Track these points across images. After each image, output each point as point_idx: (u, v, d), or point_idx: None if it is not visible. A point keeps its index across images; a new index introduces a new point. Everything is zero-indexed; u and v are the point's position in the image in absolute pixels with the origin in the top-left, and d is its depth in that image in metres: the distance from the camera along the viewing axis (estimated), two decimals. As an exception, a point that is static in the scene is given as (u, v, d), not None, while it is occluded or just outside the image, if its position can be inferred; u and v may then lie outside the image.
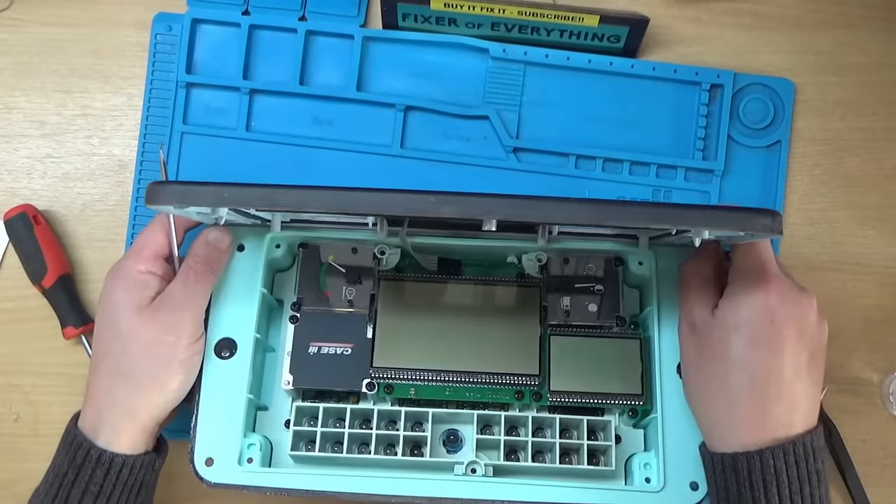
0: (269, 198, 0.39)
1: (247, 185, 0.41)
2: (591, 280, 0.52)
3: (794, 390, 0.44)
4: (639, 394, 0.50)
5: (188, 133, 0.59)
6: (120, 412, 0.47)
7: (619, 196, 0.58)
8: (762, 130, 0.59)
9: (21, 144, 0.60)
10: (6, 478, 0.58)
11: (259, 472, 0.49)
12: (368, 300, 0.52)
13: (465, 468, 0.49)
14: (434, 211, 0.39)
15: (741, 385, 0.45)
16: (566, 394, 0.51)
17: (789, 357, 0.44)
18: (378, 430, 0.50)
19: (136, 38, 0.60)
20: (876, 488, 0.57)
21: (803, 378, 0.45)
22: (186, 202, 0.41)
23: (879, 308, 0.59)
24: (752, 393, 0.44)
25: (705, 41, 0.61)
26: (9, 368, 0.58)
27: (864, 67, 0.60)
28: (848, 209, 0.60)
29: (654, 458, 0.50)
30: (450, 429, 0.52)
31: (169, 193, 0.41)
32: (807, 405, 0.45)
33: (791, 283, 0.46)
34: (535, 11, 0.56)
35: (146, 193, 0.41)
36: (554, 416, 0.50)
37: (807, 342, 0.45)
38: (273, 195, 0.39)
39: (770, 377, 0.44)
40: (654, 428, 0.50)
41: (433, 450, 0.50)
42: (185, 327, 0.48)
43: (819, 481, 0.44)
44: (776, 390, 0.44)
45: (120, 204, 0.59)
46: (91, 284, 0.59)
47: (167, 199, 0.41)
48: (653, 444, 0.50)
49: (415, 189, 0.39)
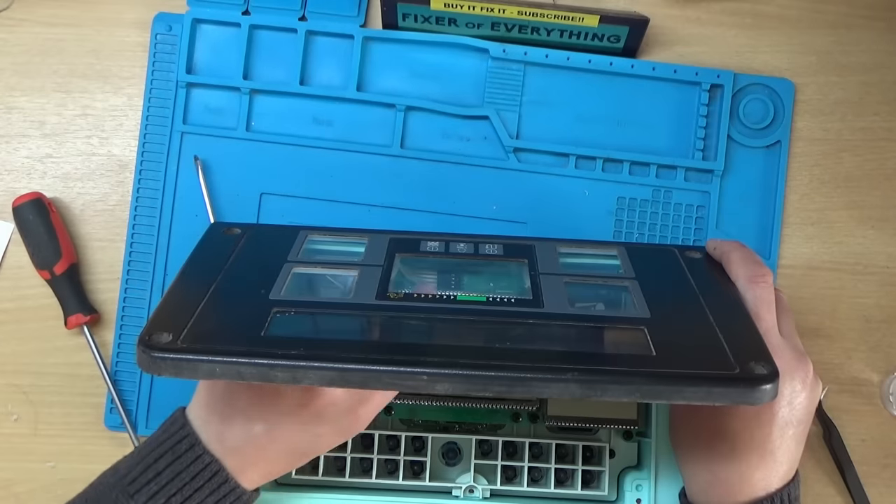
0: (264, 374, 0.37)
1: (243, 357, 0.38)
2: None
3: (777, 458, 0.44)
4: (634, 419, 0.51)
5: (188, 133, 0.59)
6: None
7: (619, 196, 0.59)
8: (762, 130, 0.59)
9: (21, 144, 0.60)
10: (6, 478, 0.58)
11: (265, 492, 0.50)
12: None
13: (463, 491, 0.51)
14: (427, 388, 0.37)
15: (724, 453, 0.44)
16: (563, 418, 0.51)
17: (777, 430, 0.43)
18: (379, 454, 0.51)
19: (136, 38, 0.60)
20: (876, 488, 0.57)
21: (788, 445, 0.44)
22: (180, 374, 0.38)
23: (879, 308, 0.59)
24: (736, 461, 0.44)
25: (705, 41, 0.61)
26: (9, 368, 0.58)
27: (864, 67, 0.60)
28: (848, 209, 0.60)
29: (646, 478, 0.51)
30: (449, 442, 0.53)
31: (163, 367, 0.38)
32: (787, 466, 0.44)
33: (790, 353, 0.44)
34: (535, 11, 0.56)
35: (139, 358, 0.38)
36: (550, 442, 0.52)
37: (796, 412, 0.44)
38: (268, 372, 0.37)
39: (754, 449, 0.43)
40: (647, 448, 0.51)
41: (433, 467, 0.52)
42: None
43: None
44: (758, 459, 0.43)
45: (120, 204, 0.59)
46: (91, 284, 0.59)
47: (162, 370, 0.38)
48: (646, 462, 0.52)
49: (407, 363, 0.37)
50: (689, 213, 0.59)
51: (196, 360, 0.38)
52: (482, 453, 0.52)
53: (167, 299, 0.42)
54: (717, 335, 0.41)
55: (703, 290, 0.45)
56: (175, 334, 0.39)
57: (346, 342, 0.40)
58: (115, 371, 0.58)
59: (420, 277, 0.47)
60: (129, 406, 0.57)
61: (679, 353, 0.39)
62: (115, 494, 0.42)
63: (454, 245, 0.50)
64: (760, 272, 0.45)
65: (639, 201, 0.59)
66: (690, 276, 0.47)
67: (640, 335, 0.41)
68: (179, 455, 0.42)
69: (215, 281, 0.44)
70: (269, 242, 0.49)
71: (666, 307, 0.43)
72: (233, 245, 0.49)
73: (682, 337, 0.41)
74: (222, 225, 0.51)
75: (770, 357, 0.39)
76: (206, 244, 0.49)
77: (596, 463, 0.52)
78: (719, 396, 0.37)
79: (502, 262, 0.49)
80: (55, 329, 0.58)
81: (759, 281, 0.45)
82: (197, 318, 0.40)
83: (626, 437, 0.53)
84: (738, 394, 0.37)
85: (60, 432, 0.58)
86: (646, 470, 0.51)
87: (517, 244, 0.50)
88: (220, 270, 0.45)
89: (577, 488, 0.51)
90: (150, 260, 0.58)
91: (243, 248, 0.48)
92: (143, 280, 0.58)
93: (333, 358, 0.37)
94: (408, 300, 0.43)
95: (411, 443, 0.52)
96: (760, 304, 0.44)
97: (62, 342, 0.58)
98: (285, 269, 0.46)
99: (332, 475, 0.51)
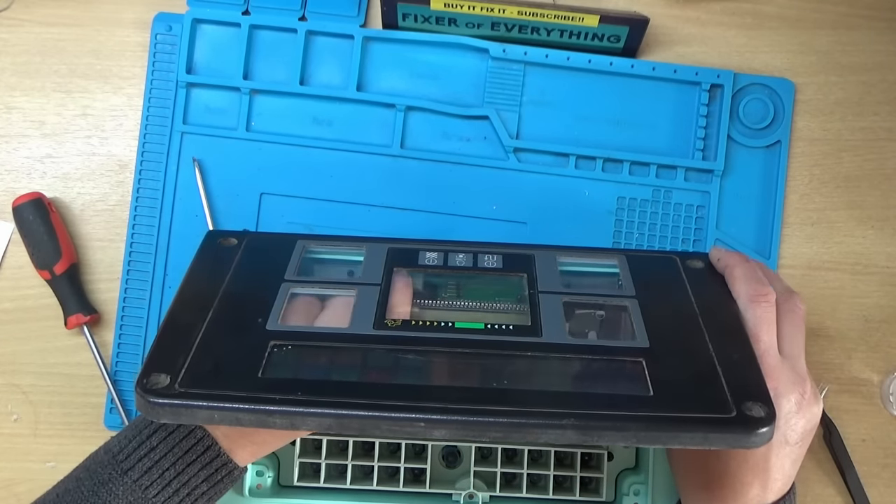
0: (262, 421, 0.37)
1: (241, 402, 0.38)
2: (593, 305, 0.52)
3: (773, 476, 0.44)
4: None
5: (188, 133, 0.59)
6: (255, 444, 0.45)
7: (619, 196, 0.59)
8: (762, 130, 0.59)
9: (21, 144, 0.60)
10: (6, 478, 0.58)
11: (268, 499, 0.51)
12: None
13: (463, 497, 0.51)
14: (424, 434, 0.37)
15: (720, 471, 0.44)
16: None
17: (774, 451, 0.43)
18: (380, 461, 0.51)
19: (136, 38, 0.60)
20: (876, 488, 0.58)
21: (782, 464, 0.44)
22: (179, 420, 0.38)
23: (879, 308, 0.59)
24: (731, 480, 0.44)
25: (705, 41, 0.61)
26: (9, 368, 0.58)
27: (864, 67, 0.60)
28: (848, 209, 0.60)
29: (644, 482, 0.51)
30: (449, 446, 0.53)
31: (161, 413, 0.38)
32: (782, 483, 0.44)
33: (787, 374, 0.43)
34: (535, 11, 0.56)
35: (137, 402, 0.38)
36: (549, 449, 0.52)
37: (791, 433, 0.43)
38: (266, 419, 0.37)
39: (748, 468, 0.44)
40: (645, 452, 0.52)
41: (433, 472, 0.52)
42: None
43: None
44: (752, 477, 0.44)
45: (120, 204, 0.59)
46: (91, 284, 0.59)
47: (160, 416, 0.38)
48: (643, 466, 0.52)
49: (405, 409, 0.37)
50: (690, 213, 0.59)
51: (194, 407, 0.38)
52: (482, 457, 0.52)
53: (164, 333, 0.42)
54: (715, 368, 0.41)
55: (704, 310, 0.45)
56: (172, 376, 0.39)
57: (343, 384, 0.39)
58: (115, 371, 0.58)
59: (418, 297, 0.47)
60: (129, 406, 0.57)
61: (676, 391, 0.39)
62: (107, 472, 0.42)
63: (453, 256, 0.50)
64: (762, 291, 0.45)
65: (639, 201, 0.59)
66: (691, 292, 0.47)
67: (638, 368, 0.41)
68: (172, 430, 0.43)
69: (211, 308, 0.44)
70: (266, 256, 0.49)
71: (665, 332, 0.43)
72: (229, 260, 0.48)
73: (680, 370, 0.41)
74: (218, 234, 0.51)
75: (768, 397, 0.39)
76: (202, 258, 0.49)
77: (595, 468, 0.52)
78: (716, 441, 0.37)
79: (501, 277, 0.49)
80: (55, 329, 0.58)
81: (759, 301, 0.44)
82: (194, 355, 0.40)
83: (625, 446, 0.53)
84: (735, 439, 0.37)
85: (60, 432, 0.58)
86: (643, 474, 0.51)
87: (516, 254, 0.50)
88: (217, 294, 0.45)
89: (575, 494, 0.52)
90: (150, 260, 0.58)
91: (239, 264, 0.48)
92: (143, 280, 0.58)
93: (331, 405, 0.37)
94: (405, 329, 0.43)
95: (412, 448, 0.52)
96: (760, 324, 0.44)
97: (62, 342, 0.58)
98: (283, 289, 0.46)
99: (334, 481, 0.52)
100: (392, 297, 0.46)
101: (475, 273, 0.49)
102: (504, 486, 0.52)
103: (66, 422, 0.58)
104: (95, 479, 0.42)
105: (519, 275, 0.48)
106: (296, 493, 0.52)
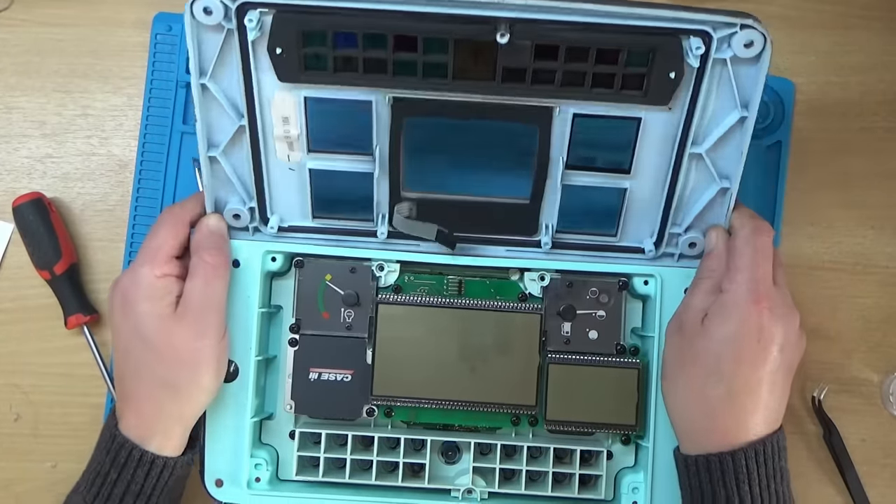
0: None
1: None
2: (594, 305, 0.52)
3: (769, 402, 0.46)
4: (632, 424, 0.51)
5: (188, 133, 0.59)
6: (168, 420, 0.48)
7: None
8: (762, 130, 0.59)
9: (21, 144, 0.60)
10: (6, 478, 0.58)
11: (266, 493, 0.51)
12: (367, 323, 0.52)
13: (461, 493, 0.51)
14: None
15: (719, 396, 0.46)
16: (562, 423, 0.52)
17: (768, 372, 0.45)
18: (379, 456, 0.51)
19: (136, 38, 0.60)
20: (876, 488, 0.58)
21: (777, 390, 0.46)
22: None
23: (879, 308, 0.59)
24: (730, 405, 0.46)
25: (705, 41, 0.61)
26: (9, 368, 0.58)
27: (864, 67, 0.60)
28: (848, 209, 0.60)
29: (643, 481, 0.51)
30: (448, 441, 0.53)
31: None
32: (776, 412, 0.46)
33: (781, 300, 0.47)
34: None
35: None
36: (548, 446, 0.52)
37: (786, 357, 0.46)
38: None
39: (748, 392, 0.45)
40: (645, 451, 0.52)
41: (432, 468, 0.52)
42: (212, 327, 0.48)
43: (783, 478, 0.46)
44: (752, 404, 0.45)
45: (120, 204, 0.59)
46: (91, 284, 0.59)
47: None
48: (643, 464, 0.52)
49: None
50: (689, 213, 0.59)
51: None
52: (481, 454, 0.52)
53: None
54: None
55: None
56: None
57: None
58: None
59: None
60: (129, 406, 0.57)
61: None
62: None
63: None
64: (764, 226, 0.48)
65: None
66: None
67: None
68: (109, 448, 0.47)
69: None
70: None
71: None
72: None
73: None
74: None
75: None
76: None
77: (594, 466, 0.52)
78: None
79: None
80: (55, 329, 0.58)
81: (762, 233, 0.47)
82: None
83: (625, 441, 0.53)
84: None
85: (60, 432, 0.58)
86: (642, 472, 0.51)
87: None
88: None
89: (574, 491, 0.52)
90: (150, 260, 0.58)
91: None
92: (143, 280, 0.58)
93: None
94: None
95: (411, 444, 0.52)
96: (760, 259, 0.46)
97: (62, 342, 0.58)
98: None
99: (332, 475, 0.52)
100: None
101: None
102: (503, 482, 0.52)
103: (66, 422, 0.58)
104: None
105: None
106: (294, 487, 0.52)
